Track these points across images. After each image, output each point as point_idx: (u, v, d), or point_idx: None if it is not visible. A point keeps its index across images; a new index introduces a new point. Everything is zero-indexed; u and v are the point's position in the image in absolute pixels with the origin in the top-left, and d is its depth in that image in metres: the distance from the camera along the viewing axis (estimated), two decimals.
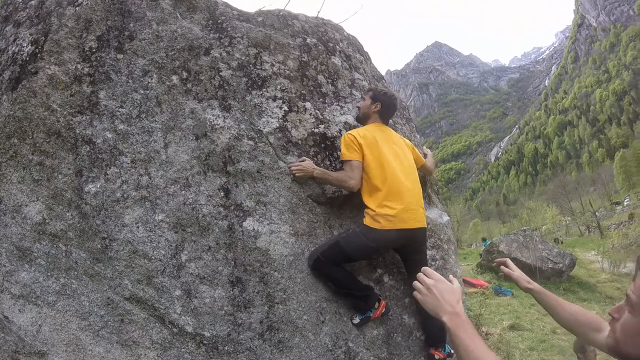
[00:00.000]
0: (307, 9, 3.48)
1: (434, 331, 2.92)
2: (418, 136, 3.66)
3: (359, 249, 2.71)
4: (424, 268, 1.38)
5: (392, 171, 2.76)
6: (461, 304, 1.25)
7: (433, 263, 3.24)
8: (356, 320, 2.83)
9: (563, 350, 7.84)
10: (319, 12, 5.73)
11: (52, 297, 2.55)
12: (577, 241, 31.81)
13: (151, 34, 2.86)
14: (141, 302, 2.55)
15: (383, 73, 3.66)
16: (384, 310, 2.80)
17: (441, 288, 1.27)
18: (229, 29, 3.04)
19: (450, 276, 1.34)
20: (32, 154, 2.61)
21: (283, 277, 2.71)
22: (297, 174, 2.81)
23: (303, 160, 2.83)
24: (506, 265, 2.05)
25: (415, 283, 1.35)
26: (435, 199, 3.67)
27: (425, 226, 2.86)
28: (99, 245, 2.57)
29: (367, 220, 2.72)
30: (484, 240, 21.94)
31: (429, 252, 3.22)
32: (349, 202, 3.00)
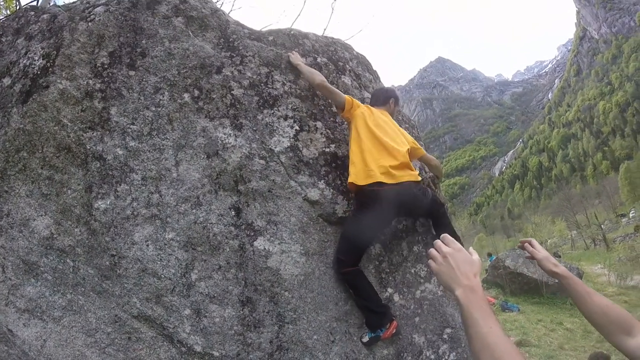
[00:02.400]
0: (310, 26, 3.52)
1: None
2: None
3: (363, 226, 2.72)
4: (443, 235, 1.23)
5: (383, 137, 2.87)
6: (479, 278, 1.11)
7: None
8: (365, 339, 2.79)
9: None
10: (325, 29, 5.76)
11: (58, 312, 2.53)
12: (583, 254, 31.53)
13: (163, 52, 2.88)
14: (149, 321, 2.53)
15: None
16: (394, 331, 2.77)
17: (458, 257, 1.13)
18: (241, 47, 3.05)
19: (471, 248, 1.20)
20: (42, 168, 2.61)
21: (293, 296, 2.69)
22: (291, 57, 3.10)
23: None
24: (531, 245, 1.85)
25: (431, 250, 1.20)
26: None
27: (418, 180, 2.89)
28: (107, 263, 2.55)
29: (356, 177, 2.75)
30: (489, 255, 21.67)
31: None
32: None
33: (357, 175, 2.75)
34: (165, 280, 2.55)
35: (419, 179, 2.90)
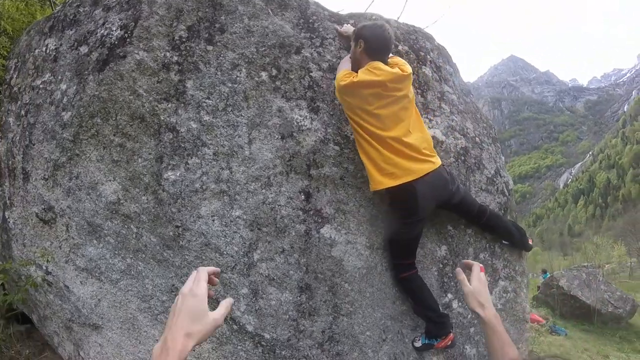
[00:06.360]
0: (382, 13, 3.33)
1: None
2: (503, 157, 3.43)
3: (403, 225, 2.61)
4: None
5: (388, 133, 2.48)
6: None
7: (504, 295, 3.03)
8: (418, 344, 2.70)
9: None
10: (398, 17, 5.55)
11: (116, 275, 2.61)
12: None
13: (242, 28, 2.85)
14: None
15: None
16: (449, 343, 2.64)
17: None
18: (321, 29, 2.97)
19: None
20: (114, 135, 2.66)
21: (353, 289, 2.62)
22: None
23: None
24: (469, 269, 1.41)
25: None
26: None
27: (438, 165, 2.56)
28: (171, 233, 2.59)
29: (376, 184, 2.52)
30: (544, 272, 20.64)
31: (501, 283, 3.02)
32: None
33: (375, 182, 2.52)
34: (227, 257, 2.55)
35: (440, 162, 2.60)
